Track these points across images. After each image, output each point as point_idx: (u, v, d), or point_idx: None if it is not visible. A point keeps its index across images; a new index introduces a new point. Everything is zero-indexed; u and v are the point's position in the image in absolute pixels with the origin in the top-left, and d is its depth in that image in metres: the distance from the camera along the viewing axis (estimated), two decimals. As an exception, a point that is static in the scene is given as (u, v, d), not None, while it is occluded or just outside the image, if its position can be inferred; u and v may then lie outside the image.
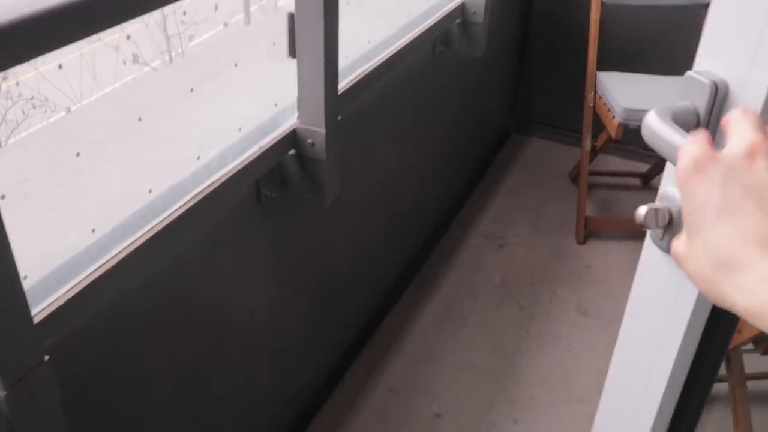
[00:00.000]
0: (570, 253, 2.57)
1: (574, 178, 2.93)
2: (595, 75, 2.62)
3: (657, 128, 0.63)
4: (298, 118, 1.42)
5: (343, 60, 1.55)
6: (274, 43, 1.37)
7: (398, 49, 1.80)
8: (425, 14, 2.04)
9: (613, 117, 2.41)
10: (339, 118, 1.45)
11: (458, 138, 2.66)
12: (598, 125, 2.59)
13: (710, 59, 0.68)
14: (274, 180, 1.42)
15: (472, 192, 2.89)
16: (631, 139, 2.47)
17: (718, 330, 0.81)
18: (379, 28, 1.84)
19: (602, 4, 2.62)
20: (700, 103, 0.67)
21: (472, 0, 2.16)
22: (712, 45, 0.68)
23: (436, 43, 2.18)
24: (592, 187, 2.90)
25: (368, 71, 1.65)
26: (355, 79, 1.60)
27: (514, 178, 3.02)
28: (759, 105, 0.64)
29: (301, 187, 1.44)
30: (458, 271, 2.45)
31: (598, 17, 2.63)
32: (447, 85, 2.39)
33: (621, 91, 2.47)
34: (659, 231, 0.74)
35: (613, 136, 2.41)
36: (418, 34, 1.92)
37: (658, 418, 0.86)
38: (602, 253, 2.58)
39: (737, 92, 0.66)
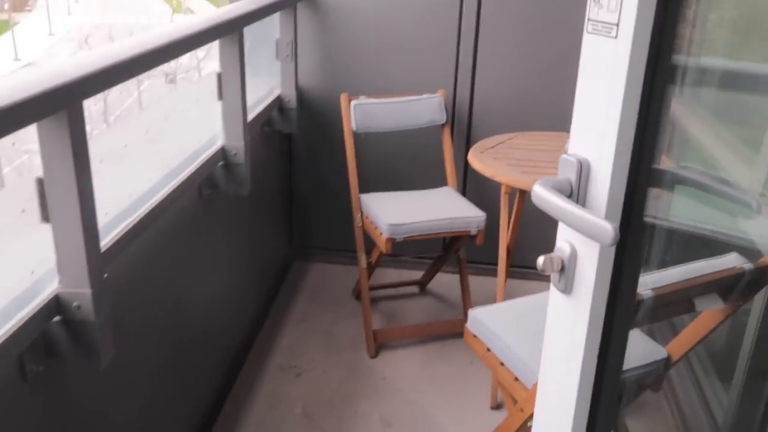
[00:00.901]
0: (365, 369, 2.64)
1: (358, 295, 3.06)
2: (359, 197, 2.81)
3: (545, 196, 0.91)
4: (59, 282, 1.36)
5: (104, 216, 1.52)
6: (23, 210, 1.32)
7: (162, 198, 1.81)
8: (188, 161, 2.07)
9: (381, 233, 2.58)
10: (105, 275, 1.41)
11: (240, 274, 2.67)
12: (371, 242, 2.75)
13: (576, 145, 0.96)
14: (39, 351, 1.32)
15: (262, 326, 2.89)
16: (402, 250, 2.66)
17: (610, 346, 1.01)
18: (141, 180, 1.84)
19: (354, 133, 2.86)
20: (572, 175, 0.94)
21: (232, 143, 2.25)
22: (576, 136, 0.96)
23: (202, 188, 2.21)
24: (375, 301, 3.03)
25: (132, 224, 1.64)
26: (118, 234, 1.57)
27: (301, 305, 3.07)
28: (608, 174, 0.91)
29: (73, 352, 1.36)
30: (258, 410, 2.40)
31: (352, 145, 2.86)
32: (221, 226, 2.41)
33: (384, 209, 2.67)
34: (556, 275, 0.98)
35: (384, 250, 2.57)
36: (182, 180, 1.95)
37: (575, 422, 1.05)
38: (394, 362, 2.68)
39: (595, 167, 0.92)
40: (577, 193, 0.93)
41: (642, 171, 0.92)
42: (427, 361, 2.70)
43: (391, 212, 2.63)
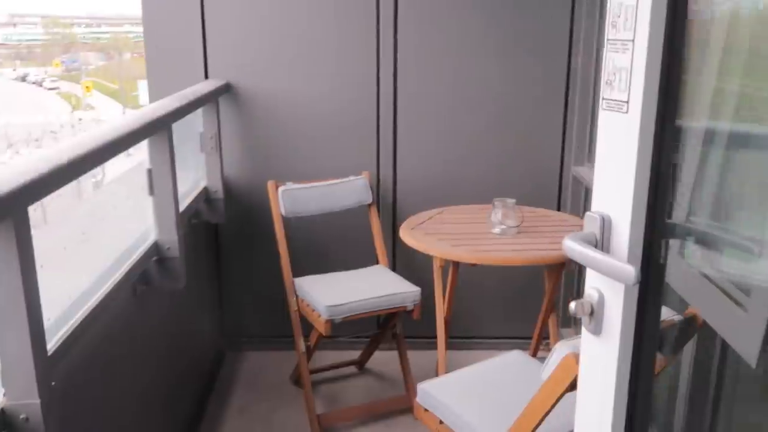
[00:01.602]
0: (312, 456, 2.59)
1: (297, 380, 3.02)
2: (293, 281, 2.82)
3: (575, 247, 1.05)
4: (5, 395, 1.30)
5: (47, 322, 1.48)
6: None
7: (99, 299, 1.78)
8: (121, 258, 2.04)
9: (319, 316, 2.59)
10: (53, 383, 1.36)
11: (175, 370, 2.60)
12: (308, 325, 2.75)
13: (598, 204, 1.11)
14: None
15: (200, 421, 2.79)
16: (338, 331, 2.66)
17: (638, 386, 1.13)
18: (78, 283, 1.80)
19: (283, 218, 2.89)
20: (596, 229, 1.09)
21: (165, 237, 2.23)
22: (597, 194, 1.11)
23: (137, 285, 2.17)
24: (314, 384, 3.00)
25: (72, 329, 1.59)
26: (60, 339, 1.52)
27: (238, 396, 2.99)
28: (628, 226, 1.05)
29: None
30: None
31: (282, 230, 2.89)
32: (154, 321, 2.36)
33: (320, 291, 2.69)
34: (587, 318, 1.11)
35: (323, 332, 2.58)
36: (118, 280, 1.91)
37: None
38: (342, 446, 2.65)
39: (615, 221, 1.07)
40: (601, 243, 1.08)
41: (657, 223, 1.07)
42: (374, 442, 2.68)
43: (328, 294, 2.65)
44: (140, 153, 2.27)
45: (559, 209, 3.20)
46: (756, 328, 1.40)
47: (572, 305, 1.11)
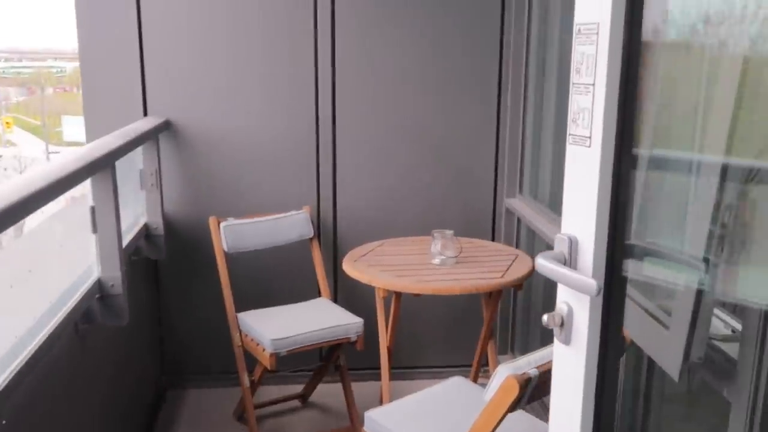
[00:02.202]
0: (259, 491, 2.58)
1: (240, 416, 3.01)
2: (236, 316, 2.83)
3: (546, 264, 1.19)
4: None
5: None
6: None
7: (44, 338, 1.76)
8: (64, 297, 2.03)
9: (264, 349, 2.61)
10: (3, 422, 1.36)
11: (117, 408, 2.56)
12: (251, 360, 2.76)
13: (566, 226, 1.25)
14: None
15: (143, 463, 2.75)
16: (281, 365, 2.68)
17: (604, 386, 1.25)
18: (17, 323, 1.78)
19: (225, 253, 2.91)
20: (565, 249, 1.23)
21: (109, 274, 2.23)
22: (566, 218, 1.25)
23: (79, 323, 2.15)
24: (259, 419, 3.00)
25: (19, 367, 1.58)
26: (6, 378, 1.51)
27: (181, 435, 2.96)
28: (591, 248, 1.19)
29: None
30: None
31: (225, 265, 2.90)
32: (94, 360, 2.34)
33: (264, 325, 2.71)
34: (558, 329, 1.24)
35: (268, 366, 2.60)
36: (61, 319, 1.90)
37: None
38: (288, 480, 2.65)
39: (582, 242, 1.21)
40: (569, 261, 1.22)
41: (618, 242, 1.21)
42: (320, 474, 2.69)
43: (272, 327, 2.68)
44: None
45: (493, 239, 3.33)
46: (677, 344, 1.53)
47: (545, 317, 1.25)
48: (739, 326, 1.52)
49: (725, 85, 1.35)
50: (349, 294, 3.25)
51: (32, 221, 2.47)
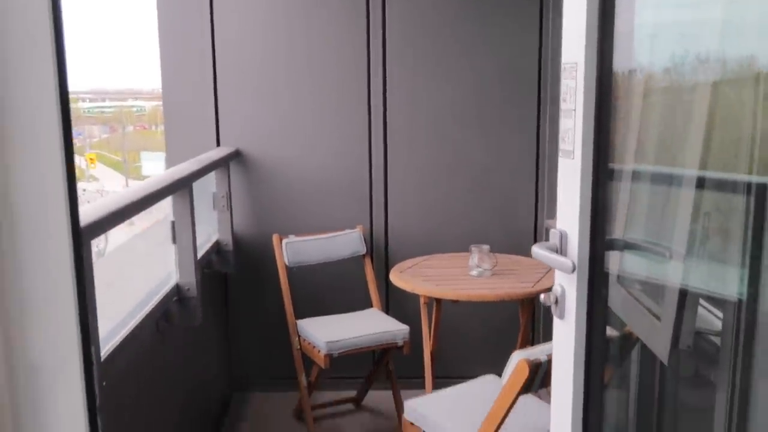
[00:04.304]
0: (314, 481, 2.86)
1: (299, 415, 3.31)
2: (295, 323, 3.15)
3: (542, 252, 1.46)
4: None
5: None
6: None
7: (131, 329, 2.11)
8: (146, 299, 2.38)
9: (319, 351, 2.91)
10: (104, 383, 1.68)
11: (190, 404, 2.90)
12: (309, 364, 3.06)
13: (559, 223, 1.50)
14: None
15: (212, 454, 3.07)
16: (338, 367, 2.98)
17: (592, 351, 1.50)
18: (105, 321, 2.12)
19: (287, 267, 3.24)
20: (557, 241, 1.49)
21: (185, 279, 2.59)
22: (559, 216, 1.51)
23: (159, 322, 2.50)
24: (316, 420, 3.29)
25: (113, 348, 1.92)
26: (107, 352, 1.86)
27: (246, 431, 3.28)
28: (576, 239, 1.45)
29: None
30: None
31: (286, 278, 3.24)
32: (174, 357, 2.68)
33: (319, 330, 3.02)
34: (554, 306, 1.51)
35: (323, 366, 2.90)
36: (143, 316, 2.24)
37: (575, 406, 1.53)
38: (340, 471, 2.92)
39: (570, 236, 1.46)
40: (560, 250, 1.49)
41: (598, 237, 1.48)
42: (369, 468, 2.95)
43: (327, 332, 2.99)
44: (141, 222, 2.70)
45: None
46: (666, 331, 1.75)
47: (542, 296, 1.53)
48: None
49: (683, 109, 1.61)
50: (399, 306, 3.53)
51: (121, 238, 2.88)
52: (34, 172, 0.99)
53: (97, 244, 2.19)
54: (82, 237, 1.06)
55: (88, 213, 1.69)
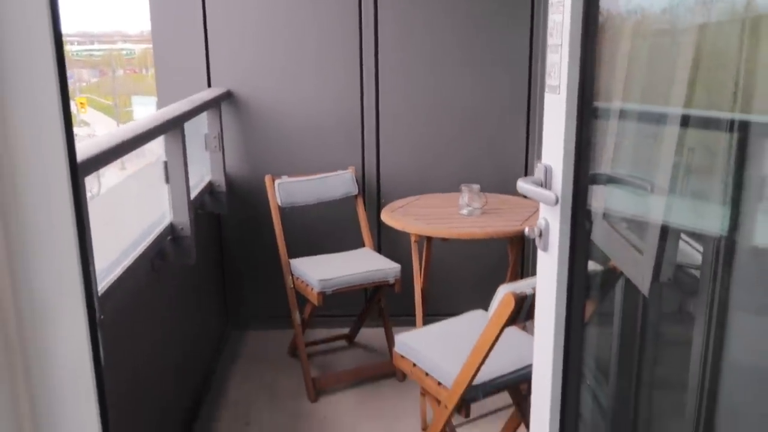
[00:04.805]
0: (306, 413, 2.97)
1: (293, 352, 3.40)
2: (289, 262, 3.21)
3: (527, 186, 1.49)
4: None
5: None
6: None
7: (127, 266, 2.15)
8: (141, 238, 2.42)
9: (312, 289, 2.97)
10: (102, 317, 1.74)
11: (187, 341, 2.97)
12: (302, 302, 3.13)
13: (544, 157, 1.53)
14: None
15: (210, 387, 3.17)
16: (331, 305, 3.05)
17: (574, 282, 1.55)
18: (102, 256, 2.16)
19: (279, 207, 3.28)
20: (541, 175, 1.52)
21: (179, 219, 2.62)
22: (544, 151, 1.54)
23: (154, 260, 2.55)
24: (309, 356, 3.38)
25: (110, 283, 1.97)
26: (103, 288, 1.90)
27: (242, 367, 3.37)
28: (560, 174, 1.48)
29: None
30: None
31: (279, 218, 3.28)
32: (170, 294, 2.74)
33: (312, 269, 3.08)
34: (538, 239, 1.55)
35: (316, 303, 2.96)
36: (138, 254, 2.28)
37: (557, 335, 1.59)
38: (333, 404, 3.02)
39: (554, 170, 1.50)
40: (545, 184, 1.54)
41: (581, 171, 1.51)
42: (362, 401, 3.06)
43: (320, 271, 3.04)
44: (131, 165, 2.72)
45: (526, 197, 3.60)
46: (648, 264, 1.80)
47: (526, 229, 1.57)
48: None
49: (670, 49, 1.63)
50: (391, 245, 3.59)
51: (113, 179, 2.90)
52: (32, 110, 1.01)
53: (90, 188, 2.22)
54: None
55: (81, 150, 1.71)
